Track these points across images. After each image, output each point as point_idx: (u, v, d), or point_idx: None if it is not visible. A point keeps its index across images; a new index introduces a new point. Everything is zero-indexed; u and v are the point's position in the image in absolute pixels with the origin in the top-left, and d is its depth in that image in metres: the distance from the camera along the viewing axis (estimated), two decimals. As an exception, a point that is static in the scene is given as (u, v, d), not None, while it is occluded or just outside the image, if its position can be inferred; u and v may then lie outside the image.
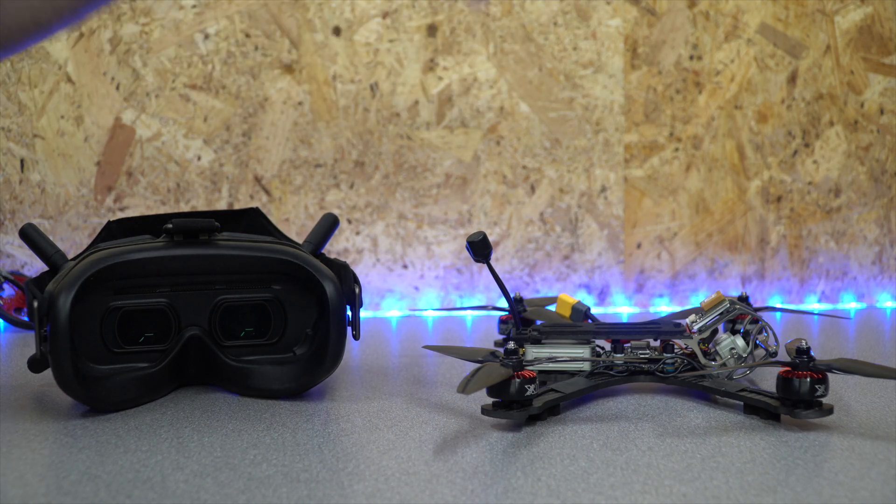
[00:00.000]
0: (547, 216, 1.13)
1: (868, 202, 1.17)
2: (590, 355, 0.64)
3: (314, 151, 1.09)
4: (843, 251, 1.17)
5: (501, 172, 1.12)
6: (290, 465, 0.48)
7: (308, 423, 0.57)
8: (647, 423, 0.56)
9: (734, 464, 0.48)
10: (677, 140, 1.14)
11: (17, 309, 0.98)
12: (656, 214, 1.14)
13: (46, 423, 0.57)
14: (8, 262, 1.06)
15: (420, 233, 1.11)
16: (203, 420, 0.57)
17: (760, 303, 1.15)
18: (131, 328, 0.64)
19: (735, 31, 1.14)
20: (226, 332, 0.66)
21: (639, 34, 1.12)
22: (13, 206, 1.06)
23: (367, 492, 0.44)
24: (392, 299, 1.11)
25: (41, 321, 0.57)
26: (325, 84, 1.09)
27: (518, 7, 1.11)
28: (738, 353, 0.63)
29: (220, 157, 1.08)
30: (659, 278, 1.14)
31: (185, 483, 0.45)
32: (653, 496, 0.43)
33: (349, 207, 1.10)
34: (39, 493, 0.44)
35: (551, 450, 0.50)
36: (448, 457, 0.49)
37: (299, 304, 0.66)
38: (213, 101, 1.08)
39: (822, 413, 0.54)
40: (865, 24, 1.15)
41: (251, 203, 1.09)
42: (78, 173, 1.07)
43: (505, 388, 0.54)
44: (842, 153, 1.16)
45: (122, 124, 1.07)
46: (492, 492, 0.44)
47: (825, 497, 0.43)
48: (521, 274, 1.13)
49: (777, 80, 1.15)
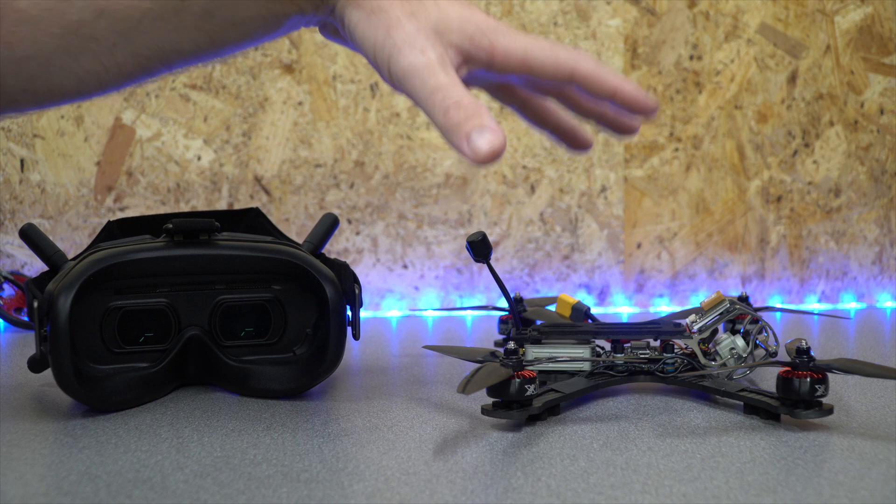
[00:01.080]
0: (547, 216, 1.13)
1: (868, 202, 1.17)
2: (590, 355, 0.64)
3: (314, 151, 1.09)
4: (843, 251, 1.17)
5: (501, 172, 1.12)
6: (290, 465, 0.48)
7: (308, 423, 0.57)
8: (647, 423, 0.56)
9: (734, 464, 0.48)
10: (677, 140, 1.14)
11: (17, 309, 0.98)
12: (656, 214, 1.14)
13: (46, 423, 0.57)
14: (8, 262, 1.06)
15: (420, 233, 1.11)
16: (203, 420, 0.57)
17: (760, 303, 1.15)
18: (131, 328, 0.64)
19: (735, 31, 1.13)
20: (226, 332, 0.66)
21: (639, 34, 1.12)
22: (13, 206, 1.06)
23: (367, 492, 0.44)
24: (392, 299, 1.11)
25: (41, 321, 0.57)
26: (325, 84, 1.09)
27: (518, 7, 1.11)
28: (738, 353, 0.63)
29: (220, 157, 1.08)
30: (659, 278, 1.14)
31: (185, 483, 0.45)
32: (653, 496, 0.43)
33: (349, 207, 1.10)
34: (39, 493, 0.44)
35: (551, 450, 0.50)
36: (448, 457, 0.49)
37: (299, 304, 0.66)
38: (213, 101, 1.08)
39: (822, 413, 0.54)
40: (865, 24, 1.15)
41: (251, 203, 1.09)
42: (78, 173, 1.07)
43: (505, 388, 0.54)
44: (842, 153, 1.16)
45: (122, 124, 1.07)
46: (492, 492, 0.44)
47: (825, 497, 0.43)
48: (521, 274, 1.13)
49: (777, 80, 1.15)
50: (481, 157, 0.50)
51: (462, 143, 0.50)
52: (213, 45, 0.55)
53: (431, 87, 0.52)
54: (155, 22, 0.53)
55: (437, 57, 0.53)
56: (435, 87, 0.52)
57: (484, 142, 0.50)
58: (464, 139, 0.50)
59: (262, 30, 0.56)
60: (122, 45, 0.53)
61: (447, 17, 0.54)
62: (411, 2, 0.54)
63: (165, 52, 0.54)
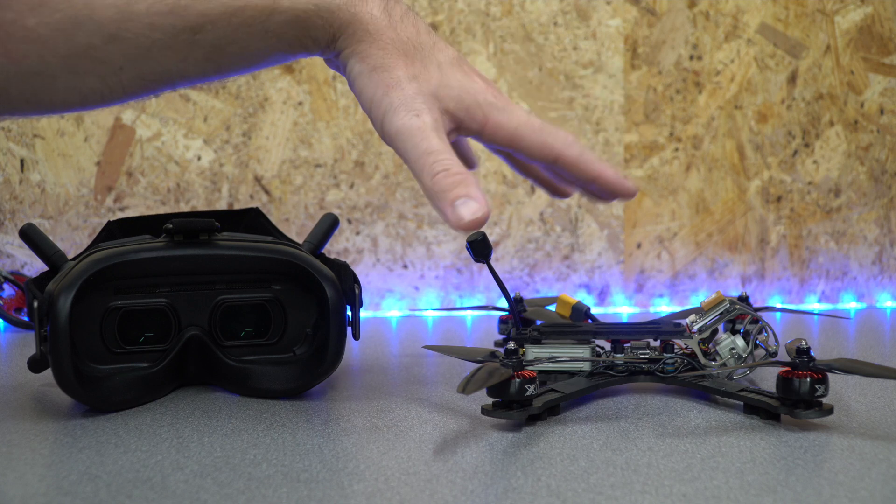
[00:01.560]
0: (547, 216, 1.13)
1: (868, 202, 1.17)
2: (590, 355, 0.64)
3: (314, 151, 1.09)
4: (843, 251, 1.17)
5: (501, 172, 1.12)
6: (290, 465, 0.48)
7: (308, 423, 0.57)
8: (647, 423, 0.56)
9: (734, 464, 0.48)
10: (677, 140, 1.14)
11: (17, 309, 0.98)
12: (656, 214, 1.14)
13: (46, 423, 0.57)
14: (8, 262, 1.06)
15: (420, 233, 1.11)
16: (203, 420, 0.57)
17: (760, 303, 1.15)
18: (131, 328, 0.64)
19: (735, 31, 1.13)
20: (226, 332, 0.66)
21: (639, 34, 1.12)
22: (13, 206, 1.06)
23: (367, 492, 0.44)
24: (392, 299, 1.11)
25: (41, 321, 0.57)
26: (325, 84, 1.09)
27: (518, 7, 1.11)
28: (738, 353, 0.63)
29: (220, 157, 1.08)
30: (659, 278, 1.14)
31: (185, 483, 0.45)
32: (653, 496, 0.43)
33: (349, 207, 1.10)
34: (39, 493, 0.44)
35: (551, 450, 0.50)
36: (448, 457, 0.49)
37: (299, 304, 0.66)
38: (213, 101, 1.08)
39: (822, 413, 0.54)
40: (865, 24, 1.15)
41: (251, 203, 1.09)
42: (78, 173, 1.07)
43: (505, 388, 0.54)
44: (842, 153, 1.16)
45: (122, 124, 1.07)
46: (492, 492, 0.44)
47: (825, 497, 0.43)
48: (521, 274, 1.13)
49: (777, 80, 1.15)
50: (463, 225, 0.51)
51: (446, 208, 0.52)
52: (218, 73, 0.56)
53: (422, 150, 0.53)
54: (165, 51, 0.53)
55: (432, 121, 0.54)
56: (426, 150, 0.53)
57: (467, 211, 0.51)
58: (448, 205, 0.52)
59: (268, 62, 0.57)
60: (129, 69, 0.53)
61: (448, 84, 0.56)
62: (415, 64, 0.55)
63: (171, 76, 0.55)
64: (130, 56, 0.53)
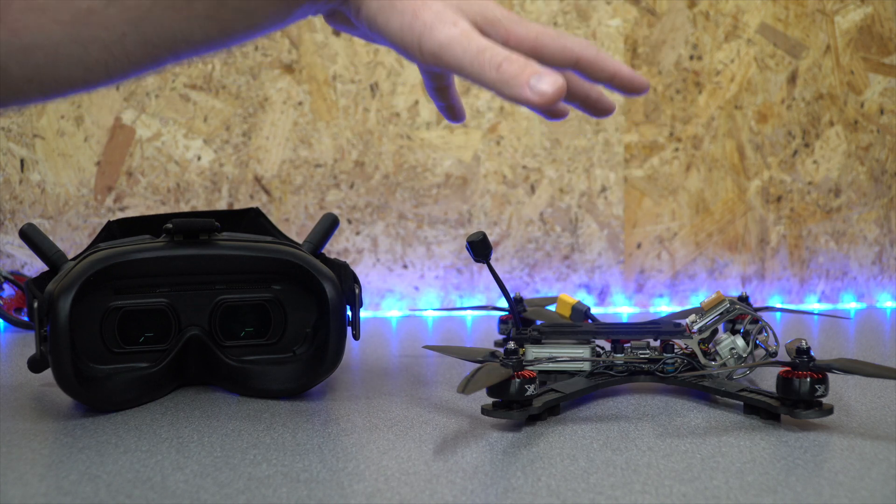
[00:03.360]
0: (547, 216, 1.13)
1: (868, 202, 1.17)
2: (590, 355, 0.64)
3: (314, 151, 1.09)
4: (843, 251, 1.17)
5: (501, 172, 1.12)
6: (290, 465, 0.48)
7: (308, 423, 0.57)
8: (647, 423, 0.56)
9: (734, 464, 0.48)
10: (677, 140, 1.14)
11: (17, 309, 0.98)
12: (656, 214, 1.14)
13: (46, 423, 0.57)
14: (8, 262, 1.06)
15: (420, 233, 1.11)
16: (203, 420, 0.57)
17: (760, 303, 1.15)
18: (131, 328, 0.64)
19: (735, 31, 1.14)
20: (226, 332, 0.66)
21: (639, 34, 1.12)
22: (13, 206, 1.06)
23: (367, 492, 0.44)
24: (392, 299, 1.11)
25: (41, 321, 0.57)
26: (325, 84, 1.09)
27: (518, 7, 1.11)
28: (738, 353, 0.63)
29: (220, 157, 1.08)
30: (659, 278, 1.14)
31: (185, 483, 0.45)
32: (653, 496, 0.43)
33: (349, 207, 1.10)
34: (39, 493, 0.44)
35: (551, 450, 0.50)
36: (448, 457, 0.49)
37: (299, 304, 0.66)
38: (213, 101, 1.08)
39: (822, 413, 0.54)
40: (865, 24, 1.15)
41: (251, 203, 1.09)
42: (78, 173, 1.07)
43: (505, 388, 0.54)
44: (842, 153, 1.16)
45: (122, 124, 1.07)
46: (492, 492, 0.44)
47: (825, 497, 0.43)
48: (521, 274, 1.13)
49: (777, 80, 1.15)
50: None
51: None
52: (222, 35, 0.55)
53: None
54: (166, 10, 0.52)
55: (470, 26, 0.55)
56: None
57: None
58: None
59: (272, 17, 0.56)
60: (132, 34, 0.53)
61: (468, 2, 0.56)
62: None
63: (175, 40, 0.54)
64: (132, 19, 0.52)
